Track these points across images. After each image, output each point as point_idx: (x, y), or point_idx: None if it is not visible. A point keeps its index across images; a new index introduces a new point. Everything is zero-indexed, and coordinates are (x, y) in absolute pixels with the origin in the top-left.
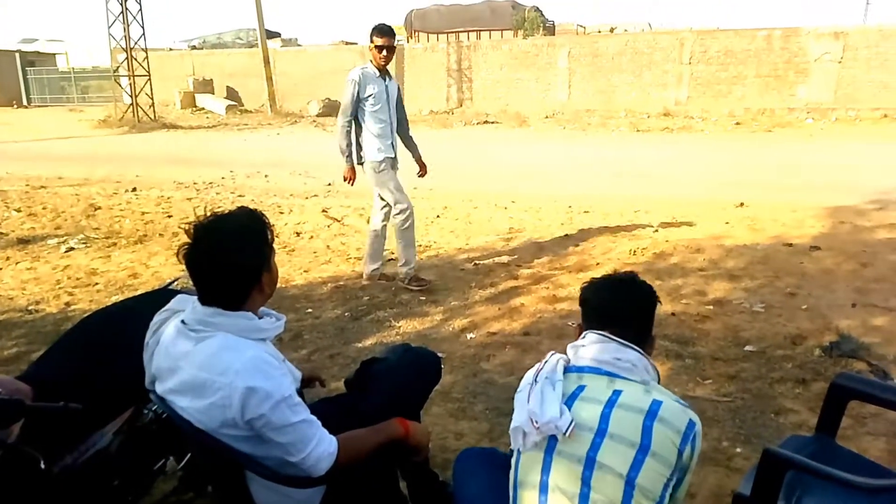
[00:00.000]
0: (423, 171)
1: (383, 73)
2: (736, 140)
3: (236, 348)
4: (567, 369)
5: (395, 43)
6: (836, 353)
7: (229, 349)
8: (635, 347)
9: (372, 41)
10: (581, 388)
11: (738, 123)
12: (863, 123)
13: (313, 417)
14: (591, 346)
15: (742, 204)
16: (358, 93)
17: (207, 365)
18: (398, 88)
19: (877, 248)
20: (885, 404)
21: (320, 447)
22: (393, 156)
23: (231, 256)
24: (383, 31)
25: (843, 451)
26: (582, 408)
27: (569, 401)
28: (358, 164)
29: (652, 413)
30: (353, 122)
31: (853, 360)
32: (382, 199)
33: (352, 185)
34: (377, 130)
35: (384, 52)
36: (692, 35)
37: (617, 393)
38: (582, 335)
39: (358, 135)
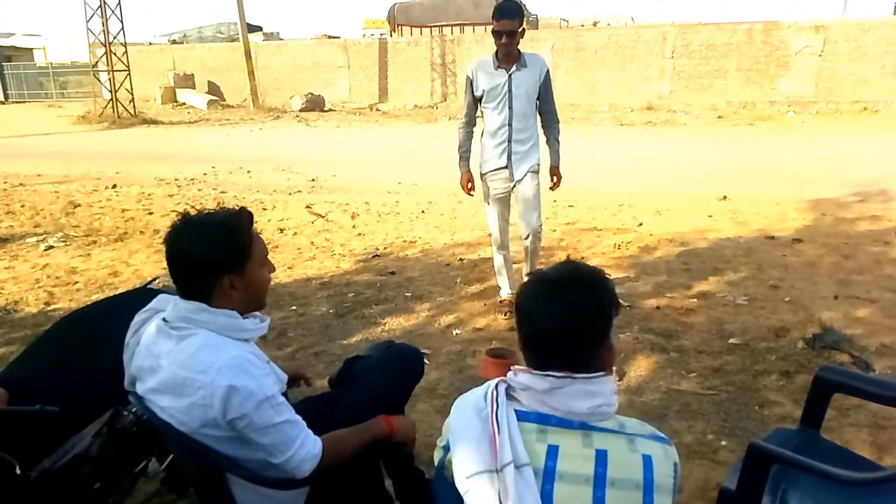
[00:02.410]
0: (554, 183)
1: (507, 62)
2: (718, 133)
3: (218, 346)
4: (520, 415)
5: (520, 27)
6: (819, 345)
7: (210, 347)
8: (602, 377)
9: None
10: (552, 452)
11: (720, 117)
12: (843, 116)
13: (297, 417)
14: (556, 395)
15: (725, 197)
16: (472, 88)
17: (188, 363)
18: (542, 76)
19: (858, 240)
20: (868, 396)
21: (304, 448)
22: (502, 165)
23: (187, 246)
24: (502, 10)
25: (827, 443)
26: (565, 496)
27: (545, 481)
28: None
29: (648, 484)
30: (472, 121)
31: (836, 351)
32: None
33: (470, 193)
34: (490, 133)
35: (503, 39)
36: (674, 29)
37: (601, 458)
38: (529, 370)
39: (481, 136)
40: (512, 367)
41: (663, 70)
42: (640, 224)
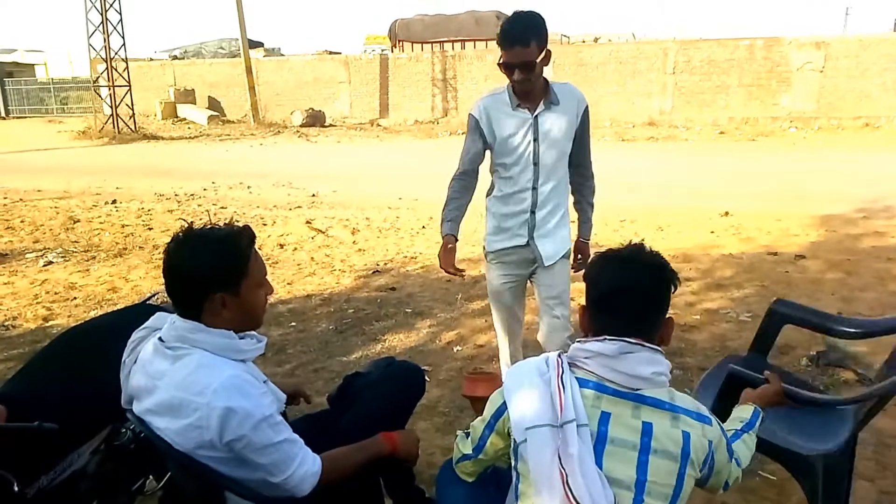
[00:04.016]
0: (578, 263)
1: (530, 100)
2: (720, 149)
3: (213, 367)
4: (580, 382)
5: (539, 55)
6: (823, 362)
7: (206, 368)
8: (662, 352)
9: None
10: (605, 418)
11: (722, 133)
12: (845, 132)
13: (296, 436)
14: (625, 359)
15: (727, 213)
16: (482, 135)
17: (184, 385)
18: (580, 115)
19: (861, 256)
20: (814, 327)
21: (303, 467)
22: (521, 244)
23: (183, 260)
24: (511, 34)
25: (774, 367)
26: (614, 460)
27: (597, 442)
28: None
29: (685, 456)
30: (473, 175)
31: (840, 368)
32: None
33: (452, 271)
34: (504, 199)
35: (515, 74)
36: (676, 45)
37: (647, 429)
38: (600, 338)
39: (489, 195)
40: (576, 339)
41: (665, 86)
42: (642, 240)
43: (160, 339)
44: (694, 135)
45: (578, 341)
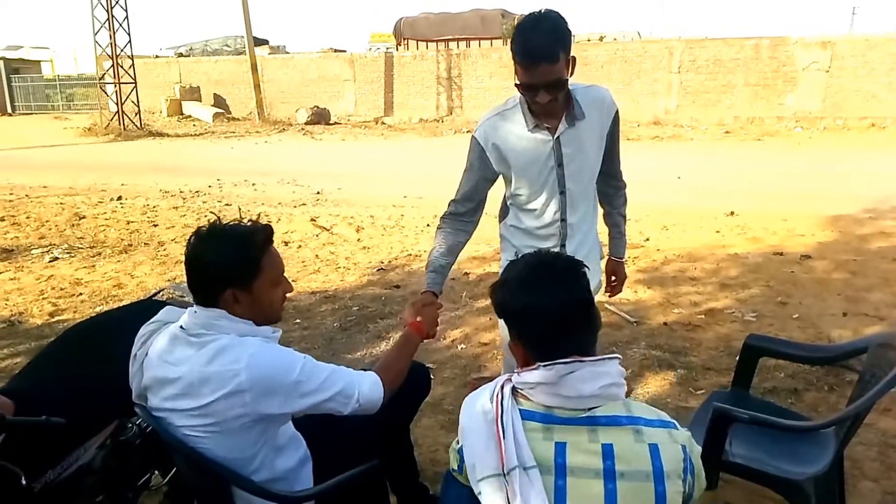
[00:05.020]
0: (613, 286)
1: (550, 117)
2: (725, 149)
3: (242, 342)
4: (525, 415)
5: (568, 71)
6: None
7: (235, 345)
8: (609, 360)
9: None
10: (560, 449)
11: (727, 132)
12: (851, 132)
13: (340, 367)
14: (565, 382)
15: (733, 213)
16: (488, 165)
17: (217, 360)
18: (610, 121)
19: (868, 256)
20: (788, 357)
21: (364, 386)
22: None
23: (199, 253)
24: (530, 52)
25: (757, 399)
26: (578, 494)
27: (557, 477)
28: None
29: (658, 473)
30: (473, 214)
31: (845, 369)
32: None
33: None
34: (527, 232)
35: (540, 96)
36: (681, 44)
37: (608, 451)
38: (534, 367)
39: (502, 219)
40: (516, 370)
41: (670, 85)
42: (647, 239)
43: (181, 327)
44: (699, 134)
45: (517, 372)
